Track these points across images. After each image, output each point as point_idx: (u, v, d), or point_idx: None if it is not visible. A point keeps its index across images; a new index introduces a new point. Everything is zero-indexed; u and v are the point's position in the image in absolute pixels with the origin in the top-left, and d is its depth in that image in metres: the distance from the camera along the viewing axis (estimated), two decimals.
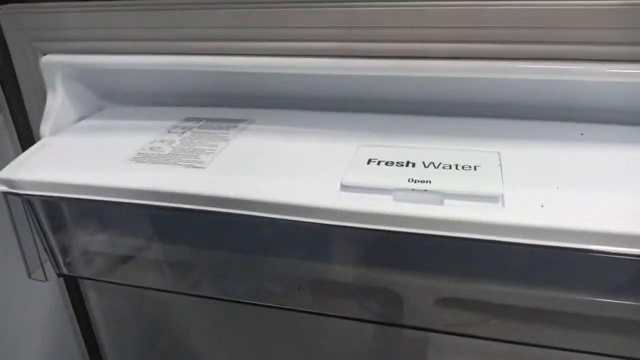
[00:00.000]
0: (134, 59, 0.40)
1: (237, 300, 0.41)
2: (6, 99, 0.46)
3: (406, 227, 0.30)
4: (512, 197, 0.29)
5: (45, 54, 0.42)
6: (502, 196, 0.29)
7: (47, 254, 0.40)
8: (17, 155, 0.42)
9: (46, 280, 0.39)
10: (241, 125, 0.40)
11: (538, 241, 0.27)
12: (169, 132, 0.40)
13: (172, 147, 0.37)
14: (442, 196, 0.30)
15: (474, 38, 0.33)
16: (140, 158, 0.36)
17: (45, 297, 0.52)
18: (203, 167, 0.35)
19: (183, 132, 0.39)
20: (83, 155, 0.39)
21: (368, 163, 0.33)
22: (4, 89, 0.45)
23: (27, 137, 0.47)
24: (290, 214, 0.31)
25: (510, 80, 0.36)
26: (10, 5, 0.42)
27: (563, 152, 0.34)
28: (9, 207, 0.38)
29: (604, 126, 0.37)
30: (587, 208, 0.28)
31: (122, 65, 0.41)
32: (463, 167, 0.32)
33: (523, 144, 0.35)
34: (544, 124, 0.38)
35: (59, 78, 0.42)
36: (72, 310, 0.53)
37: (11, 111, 0.46)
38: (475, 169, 0.32)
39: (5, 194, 0.37)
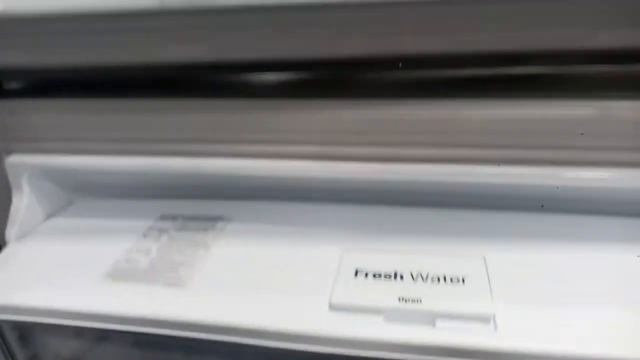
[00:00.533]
0: (103, 160, 0.39)
1: None
2: None
3: (399, 353, 0.29)
4: (504, 317, 0.29)
5: (9, 153, 0.40)
6: (494, 316, 0.29)
7: None
8: None
9: None
10: (219, 224, 0.39)
11: None
12: (144, 236, 0.38)
13: (149, 259, 0.36)
14: (433, 316, 0.29)
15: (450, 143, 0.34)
16: (117, 274, 0.35)
17: None
18: (183, 285, 0.33)
19: (160, 236, 0.38)
20: (54, 269, 0.37)
21: (355, 275, 0.33)
22: None
23: None
24: (278, 341, 0.30)
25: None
26: None
27: (548, 253, 0.34)
28: None
29: (586, 218, 0.37)
30: (581, 329, 0.28)
31: (91, 167, 0.39)
32: (451, 280, 0.32)
33: (507, 243, 0.35)
34: (526, 217, 0.38)
35: (25, 178, 0.41)
36: None
37: None
38: (463, 281, 0.32)
39: None
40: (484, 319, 0.29)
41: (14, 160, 0.40)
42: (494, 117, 0.33)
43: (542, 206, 0.38)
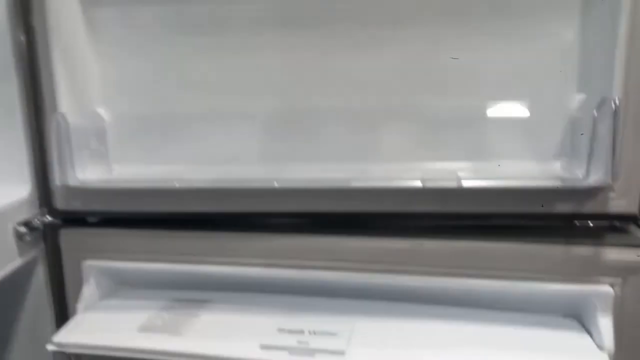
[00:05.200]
0: (138, 264, 0.66)
1: None
2: (52, 288, 0.70)
3: None
4: (351, 352, 0.54)
5: (85, 259, 0.68)
6: (345, 352, 0.54)
7: None
8: (52, 324, 0.67)
9: None
10: (206, 305, 0.65)
11: None
12: (160, 310, 0.64)
13: (162, 321, 0.62)
14: (314, 352, 0.55)
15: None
16: (144, 329, 0.61)
17: None
18: (181, 335, 0.59)
19: (170, 310, 0.64)
20: (106, 326, 0.63)
21: (278, 331, 0.58)
22: (52, 280, 0.70)
23: (62, 312, 0.70)
24: None
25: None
26: (67, 229, 0.68)
27: (403, 324, 0.59)
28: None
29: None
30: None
31: (133, 269, 0.67)
32: (329, 333, 0.57)
33: (372, 318, 0.61)
34: (388, 303, 0.64)
35: (92, 274, 0.68)
36: None
37: (55, 295, 0.70)
38: (336, 335, 0.57)
39: (55, 352, 0.60)
40: (340, 352, 0.54)
41: (88, 264, 0.68)
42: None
43: None
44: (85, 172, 0.61)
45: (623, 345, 0.53)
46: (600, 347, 0.52)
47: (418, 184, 0.52)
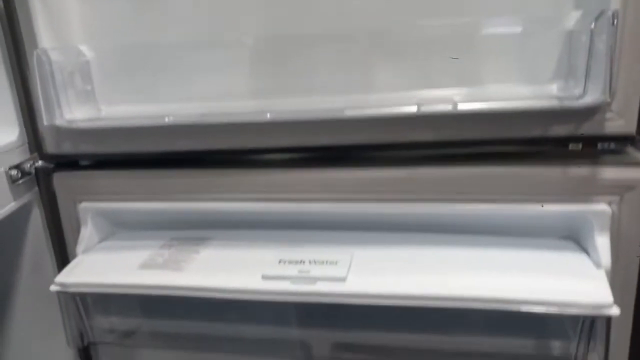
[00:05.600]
0: (136, 205, 0.66)
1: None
2: (50, 231, 0.70)
3: (299, 296, 0.55)
4: (351, 279, 0.55)
5: (81, 202, 0.67)
6: (346, 278, 0.55)
7: (81, 329, 0.63)
8: (54, 268, 0.67)
9: (83, 345, 0.62)
10: (206, 242, 0.65)
11: (359, 301, 0.53)
12: (161, 248, 0.65)
13: (163, 259, 0.62)
14: (315, 279, 0.55)
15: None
16: (145, 266, 0.61)
17: None
18: (183, 270, 0.60)
19: (170, 248, 0.65)
20: (107, 265, 0.63)
21: (279, 263, 0.59)
22: (49, 224, 0.69)
23: (62, 255, 0.71)
24: (232, 294, 0.56)
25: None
26: (60, 173, 0.67)
27: (400, 251, 0.60)
28: (59, 300, 0.61)
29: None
30: (384, 285, 0.54)
31: (128, 209, 0.66)
32: (329, 262, 0.58)
33: (371, 247, 0.61)
34: (389, 234, 0.64)
35: (90, 217, 0.67)
36: None
37: (53, 239, 0.70)
38: (336, 263, 0.58)
39: (58, 292, 0.61)
40: (341, 279, 0.55)
41: (84, 206, 0.67)
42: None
43: None
44: (73, 112, 0.60)
45: (619, 262, 0.54)
46: (598, 265, 0.53)
47: (413, 109, 0.51)
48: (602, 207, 0.53)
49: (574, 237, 0.58)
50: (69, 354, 0.72)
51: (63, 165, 0.67)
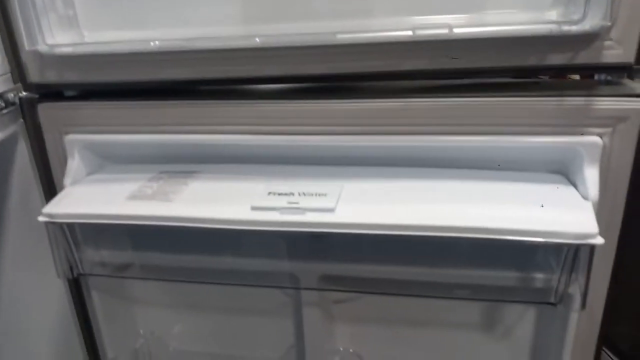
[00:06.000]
0: (124, 137, 0.65)
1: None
2: (37, 163, 0.69)
3: (289, 228, 0.55)
4: (340, 209, 0.55)
5: (67, 134, 0.66)
6: (334, 209, 0.55)
7: (70, 260, 0.63)
8: (42, 200, 0.67)
9: (72, 276, 0.62)
10: (195, 175, 0.65)
11: (347, 230, 0.53)
12: (149, 180, 0.64)
13: (152, 190, 0.62)
14: (304, 210, 0.55)
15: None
16: (133, 197, 0.61)
17: (53, 298, 0.74)
18: (171, 201, 0.59)
19: (159, 180, 0.64)
20: (95, 197, 0.63)
21: (268, 194, 0.59)
22: (36, 157, 0.68)
23: (50, 188, 0.70)
24: (221, 225, 0.56)
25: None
26: (46, 103, 0.66)
27: (390, 183, 0.60)
28: (48, 231, 0.61)
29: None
30: (373, 215, 0.54)
31: (116, 142, 0.65)
32: (319, 194, 0.58)
33: (361, 181, 0.61)
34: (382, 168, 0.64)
35: (76, 149, 0.66)
36: (74, 308, 0.76)
37: (40, 171, 0.69)
38: (325, 195, 0.57)
39: (46, 222, 0.61)
40: (330, 209, 0.55)
41: (70, 138, 0.66)
42: None
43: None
44: (55, 38, 0.57)
45: (607, 195, 0.54)
46: (585, 197, 0.54)
47: (408, 33, 0.49)
48: (593, 139, 0.53)
49: (563, 172, 0.58)
50: (59, 285, 0.73)
51: (48, 95, 0.65)
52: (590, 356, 0.64)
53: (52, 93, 0.65)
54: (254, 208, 0.56)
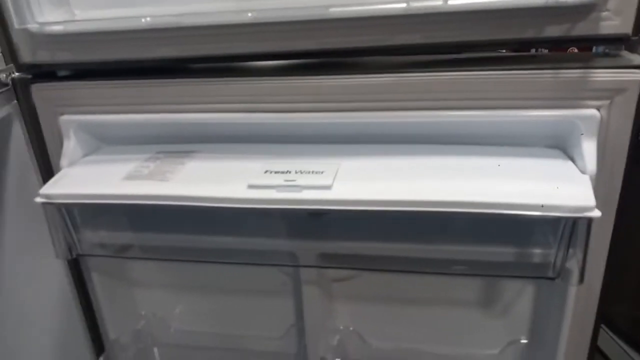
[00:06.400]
0: (120, 117, 0.64)
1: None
2: (32, 145, 0.69)
3: (286, 205, 0.55)
4: (337, 186, 0.55)
5: (62, 115, 0.66)
6: (331, 186, 0.55)
7: (69, 241, 0.63)
8: (39, 181, 0.67)
9: (71, 257, 0.62)
10: (192, 154, 0.65)
11: (344, 207, 0.53)
12: (146, 161, 0.64)
13: (149, 170, 0.62)
14: (301, 188, 0.55)
15: None
16: (130, 177, 0.60)
17: (54, 280, 0.75)
18: (168, 181, 0.59)
19: (156, 160, 0.64)
20: (91, 177, 0.62)
21: (265, 173, 0.58)
22: (32, 138, 0.68)
23: (46, 170, 0.70)
24: (219, 204, 0.56)
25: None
26: (39, 84, 0.65)
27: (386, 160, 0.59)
28: (45, 212, 0.61)
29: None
30: (370, 192, 0.54)
31: (113, 122, 0.65)
32: (315, 172, 0.57)
33: (358, 158, 0.61)
34: (374, 146, 0.63)
35: (72, 130, 0.66)
36: (75, 290, 0.76)
37: (36, 153, 0.69)
38: (322, 173, 0.57)
39: (44, 203, 0.61)
40: (327, 187, 0.55)
41: (65, 118, 0.65)
42: None
43: None
44: (45, 16, 0.57)
45: (604, 169, 0.54)
46: (583, 170, 0.53)
47: (402, 6, 0.48)
48: (590, 112, 0.52)
49: (561, 146, 0.58)
50: (59, 266, 0.73)
51: (41, 76, 0.65)
52: (589, 332, 0.64)
53: (45, 73, 0.65)
54: (250, 186, 0.56)
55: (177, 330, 0.83)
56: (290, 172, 0.58)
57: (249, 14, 0.51)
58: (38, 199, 0.61)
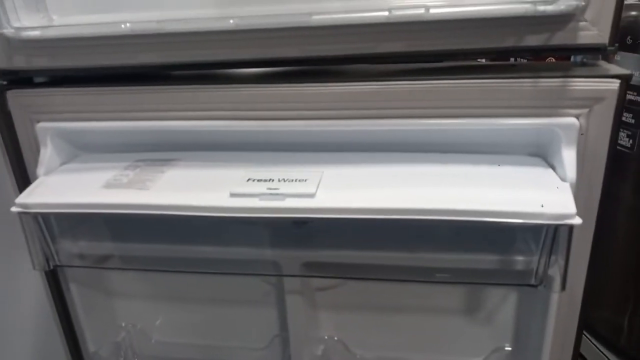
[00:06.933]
0: (98, 124, 0.63)
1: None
2: (8, 153, 0.67)
3: (268, 214, 0.54)
4: (320, 195, 0.54)
5: (39, 122, 0.64)
6: (315, 194, 0.54)
7: (46, 252, 0.62)
8: (15, 190, 0.65)
9: (49, 268, 0.61)
10: (172, 162, 0.64)
11: (328, 215, 0.53)
12: (125, 169, 0.63)
13: (128, 179, 0.60)
14: (284, 196, 0.55)
15: None
16: (108, 186, 0.59)
17: (31, 290, 0.73)
18: (148, 189, 0.58)
19: (135, 169, 0.63)
20: (69, 186, 0.61)
21: (247, 181, 0.58)
22: (7, 146, 0.66)
23: (23, 179, 0.68)
24: (200, 212, 0.55)
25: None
26: (14, 90, 0.64)
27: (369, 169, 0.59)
28: (22, 222, 0.60)
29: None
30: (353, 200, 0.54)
31: (90, 130, 0.64)
32: (298, 180, 0.57)
33: (341, 166, 0.61)
34: (359, 154, 0.63)
35: (49, 137, 0.64)
36: (53, 301, 0.74)
37: (12, 161, 0.67)
38: (305, 181, 0.57)
39: (20, 213, 0.59)
40: (310, 195, 0.54)
41: (41, 126, 0.64)
42: None
43: None
44: (22, 21, 0.56)
45: (584, 176, 0.55)
46: (563, 178, 0.54)
47: (384, 14, 0.49)
48: (570, 120, 0.53)
49: (542, 154, 0.58)
50: (36, 277, 0.71)
51: (17, 82, 0.63)
52: (572, 340, 0.65)
53: (22, 79, 0.63)
54: (232, 194, 0.56)
55: (158, 342, 0.81)
56: (273, 180, 0.57)
57: (231, 21, 0.51)
58: (14, 209, 0.59)
